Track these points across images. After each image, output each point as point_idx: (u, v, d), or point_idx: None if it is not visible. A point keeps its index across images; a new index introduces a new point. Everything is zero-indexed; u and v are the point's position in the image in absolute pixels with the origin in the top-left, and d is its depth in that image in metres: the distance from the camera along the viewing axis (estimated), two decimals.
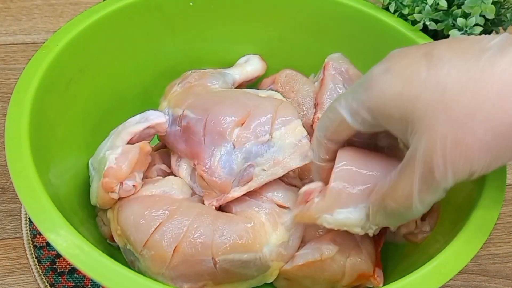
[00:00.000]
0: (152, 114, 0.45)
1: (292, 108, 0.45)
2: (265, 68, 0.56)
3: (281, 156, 0.43)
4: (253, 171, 0.43)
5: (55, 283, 0.48)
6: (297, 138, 0.43)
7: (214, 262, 0.40)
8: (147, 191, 0.43)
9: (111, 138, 0.45)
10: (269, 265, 0.41)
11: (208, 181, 0.43)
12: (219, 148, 0.43)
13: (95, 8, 0.49)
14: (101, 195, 0.42)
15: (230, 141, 0.43)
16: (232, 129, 0.43)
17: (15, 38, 0.68)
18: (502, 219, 0.57)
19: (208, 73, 0.50)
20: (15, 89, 0.41)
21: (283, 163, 0.43)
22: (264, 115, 0.43)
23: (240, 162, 0.42)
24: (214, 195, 0.43)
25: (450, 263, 0.35)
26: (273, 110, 0.44)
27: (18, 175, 0.37)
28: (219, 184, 0.42)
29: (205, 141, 0.43)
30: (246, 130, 0.43)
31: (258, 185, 0.43)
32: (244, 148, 0.42)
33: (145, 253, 0.40)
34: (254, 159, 0.43)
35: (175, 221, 0.40)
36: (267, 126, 0.43)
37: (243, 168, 0.43)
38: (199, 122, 0.44)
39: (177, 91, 0.48)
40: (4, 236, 0.51)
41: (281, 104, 0.45)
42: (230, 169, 0.42)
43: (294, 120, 0.44)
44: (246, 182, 0.43)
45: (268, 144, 0.43)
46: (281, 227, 0.42)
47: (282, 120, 0.43)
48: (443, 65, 0.32)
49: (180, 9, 0.53)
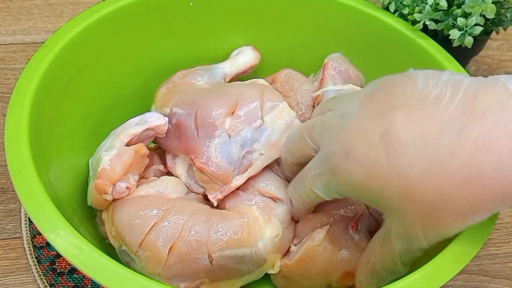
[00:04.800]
0: (152, 116, 0.45)
1: (276, 92, 0.47)
2: (259, 57, 0.55)
3: (275, 138, 0.44)
4: (251, 157, 0.43)
5: (55, 283, 0.48)
6: (288, 119, 0.44)
7: (210, 259, 0.40)
8: (141, 191, 0.43)
9: (110, 139, 0.45)
10: (266, 259, 0.42)
11: (208, 173, 0.43)
12: (214, 139, 0.43)
13: (95, 8, 0.49)
14: (95, 197, 0.42)
15: (224, 131, 0.43)
16: (223, 119, 0.43)
17: (14, 38, 0.68)
18: (502, 219, 0.57)
19: (193, 71, 0.50)
20: (15, 89, 0.41)
21: (278, 144, 0.44)
22: (252, 102, 0.44)
23: (238, 150, 0.43)
24: (217, 188, 0.43)
25: (450, 263, 0.35)
26: (259, 96, 0.45)
27: (18, 175, 0.37)
28: (220, 174, 0.42)
29: (198, 135, 0.43)
30: (238, 118, 0.43)
31: (258, 169, 0.44)
32: (240, 136, 0.43)
33: (141, 253, 0.40)
34: (251, 145, 0.43)
35: (170, 220, 0.40)
36: (257, 112, 0.44)
37: (241, 156, 0.43)
38: (189, 116, 0.44)
39: (163, 92, 0.48)
40: (4, 236, 0.51)
41: (265, 89, 0.46)
42: (229, 158, 0.43)
43: (280, 103, 0.45)
44: (245, 169, 0.43)
45: (262, 129, 0.44)
46: (274, 220, 0.42)
47: (270, 105, 0.44)
48: (402, 154, 0.31)
49: (180, 9, 0.53)
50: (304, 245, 0.42)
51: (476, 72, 0.70)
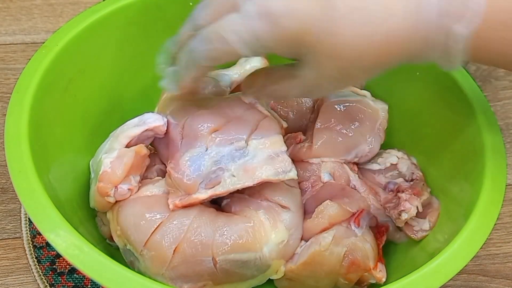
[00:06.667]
0: (150, 117, 0.45)
1: (275, 123, 0.44)
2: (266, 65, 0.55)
3: (253, 166, 0.41)
4: (222, 175, 0.41)
5: (55, 283, 0.48)
6: (275, 151, 0.41)
7: (214, 262, 0.40)
8: (147, 191, 0.43)
9: (109, 141, 0.45)
10: (269, 264, 0.41)
11: (174, 178, 0.41)
12: (192, 150, 0.42)
13: (95, 8, 0.49)
14: (98, 199, 0.42)
15: (204, 144, 0.42)
16: (207, 132, 0.42)
17: (14, 38, 0.68)
18: (502, 219, 0.57)
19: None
20: (15, 89, 0.41)
21: (253, 173, 0.40)
22: (244, 124, 0.42)
23: (210, 163, 0.41)
24: (178, 194, 0.42)
25: (450, 263, 0.35)
26: (255, 122, 0.43)
27: (18, 175, 0.37)
28: (184, 182, 0.41)
29: (181, 144, 0.43)
30: (222, 134, 0.42)
31: (225, 191, 0.41)
32: (217, 150, 0.41)
33: (145, 253, 0.40)
34: (225, 163, 0.41)
35: (176, 221, 0.40)
36: (244, 134, 0.42)
37: (211, 171, 0.41)
38: (177, 127, 0.43)
39: (166, 96, 0.48)
40: (4, 236, 0.51)
41: (264, 118, 0.44)
42: (198, 169, 0.41)
43: (275, 134, 0.42)
44: (213, 185, 0.41)
45: (243, 151, 0.41)
46: (281, 226, 0.42)
47: (262, 132, 0.42)
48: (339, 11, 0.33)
49: (180, 9, 0.53)
50: (309, 249, 0.42)
51: (476, 72, 0.70)
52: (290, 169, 0.41)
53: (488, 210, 0.39)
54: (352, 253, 0.42)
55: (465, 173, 0.44)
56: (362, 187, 0.47)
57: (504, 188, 0.40)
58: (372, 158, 0.49)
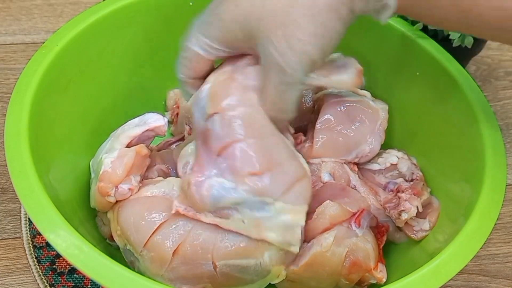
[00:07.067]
0: (151, 117, 0.45)
1: (308, 190, 0.41)
2: None
3: (265, 226, 0.39)
4: (232, 214, 0.40)
5: (55, 283, 0.48)
6: (293, 223, 0.40)
7: (214, 266, 0.40)
8: (147, 191, 0.43)
9: (110, 141, 0.45)
10: (270, 270, 0.41)
11: (189, 193, 0.40)
12: (223, 179, 0.39)
13: (95, 8, 0.49)
14: (98, 199, 0.42)
15: (237, 185, 0.39)
16: (246, 175, 0.39)
17: (14, 38, 0.68)
18: (502, 219, 0.57)
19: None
20: (15, 89, 0.41)
21: (261, 230, 0.39)
22: (282, 182, 0.40)
23: (230, 202, 0.39)
24: (185, 203, 0.41)
25: (450, 263, 0.35)
26: (291, 182, 0.40)
27: (18, 175, 0.37)
28: (196, 201, 0.40)
29: (215, 160, 0.40)
30: (258, 181, 0.39)
31: (227, 228, 0.40)
32: (245, 196, 0.39)
33: (145, 254, 0.40)
34: (242, 207, 0.39)
35: (178, 224, 0.40)
36: (278, 193, 0.39)
37: (226, 206, 0.40)
38: (220, 141, 0.40)
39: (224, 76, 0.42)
40: (4, 236, 0.51)
41: (303, 179, 0.41)
42: (216, 200, 0.39)
43: (302, 204, 0.40)
44: (219, 216, 0.40)
45: (266, 208, 0.39)
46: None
47: (293, 198, 0.40)
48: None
49: (180, 9, 0.53)
50: (311, 250, 0.42)
51: (476, 72, 0.70)
52: (295, 244, 0.40)
53: (488, 210, 0.39)
54: (353, 254, 0.42)
55: (465, 173, 0.44)
56: (362, 187, 0.47)
57: (504, 188, 0.40)
58: (372, 158, 0.49)
